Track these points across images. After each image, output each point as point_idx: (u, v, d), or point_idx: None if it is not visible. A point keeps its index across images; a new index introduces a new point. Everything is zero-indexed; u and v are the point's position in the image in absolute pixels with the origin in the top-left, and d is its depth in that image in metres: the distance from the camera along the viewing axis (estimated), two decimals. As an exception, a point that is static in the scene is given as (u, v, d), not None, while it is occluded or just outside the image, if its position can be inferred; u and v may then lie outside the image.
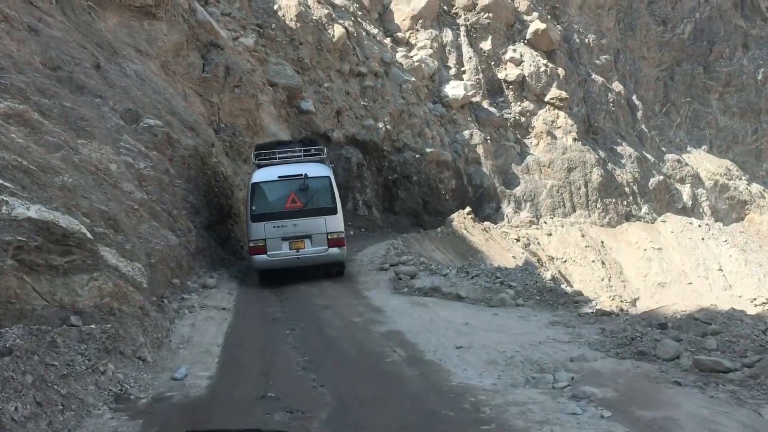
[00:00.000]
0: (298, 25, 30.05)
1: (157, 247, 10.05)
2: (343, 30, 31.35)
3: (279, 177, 13.10)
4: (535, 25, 40.19)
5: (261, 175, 13.37)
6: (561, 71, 40.39)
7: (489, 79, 38.87)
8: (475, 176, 34.87)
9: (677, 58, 50.70)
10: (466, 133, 35.64)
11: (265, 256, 12.78)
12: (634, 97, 45.71)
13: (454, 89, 36.33)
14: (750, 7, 56.82)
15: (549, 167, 36.92)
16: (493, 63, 39.40)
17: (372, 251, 18.18)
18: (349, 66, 31.48)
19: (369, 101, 31.81)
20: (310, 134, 26.01)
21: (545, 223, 34.81)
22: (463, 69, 38.39)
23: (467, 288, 12.01)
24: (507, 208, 34.84)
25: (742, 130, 51.50)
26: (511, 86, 38.91)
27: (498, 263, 19.96)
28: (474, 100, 37.58)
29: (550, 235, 29.22)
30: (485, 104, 38.15)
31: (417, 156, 32.16)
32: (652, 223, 37.85)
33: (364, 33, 33.62)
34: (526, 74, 38.97)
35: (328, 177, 13.61)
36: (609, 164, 38.80)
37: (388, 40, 35.85)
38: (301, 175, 13.03)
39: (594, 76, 43.29)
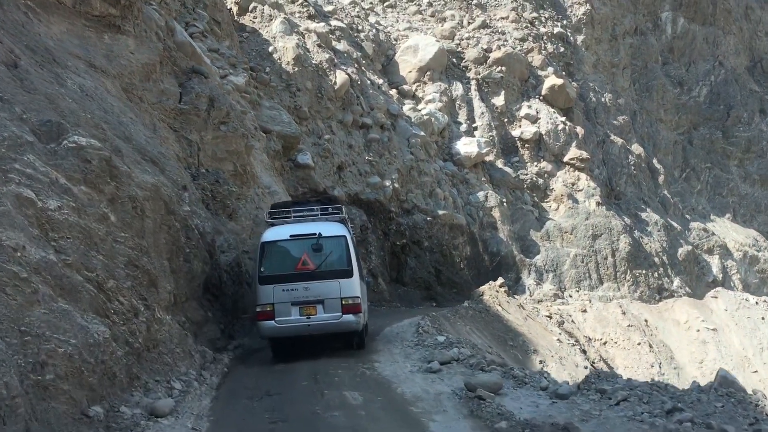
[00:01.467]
0: (296, 69, 26.55)
1: (61, 348, 5.84)
2: (346, 77, 27.87)
3: (291, 236, 12.15)
4: (551, 80, 37.09)
5: (272, 234, 12.45)
6: (580, 130, 37.08)
7: (502, 137, 35.43)
8: (492, 242, 30.92)
9: (694, 122, 47.86)
10: (481, 194, 31.88)
11: (272, 322, 11.71)
12: (654, 161, 42.42)
13: (466, 146, 32.77)
14: (761, 72, 54.64)
15: (572, 234, 33.07)
16: (506, 120, 36.05)
17: (393, 334, 13.97)
18: (353, 117, 27.86)
19: (374, 156, 28.08)
20: (328, 194, 23.31)
21: (570, 296, 30.69)
22: (474, 125, 34.97)
23: (621, 426, 6.83)
24: (528, 279, 30.75)
25: (764, 198, 48.22)
26: (527, 145, 35.44)
27: (542, 349, 15.72)
28: (487, 159, 34.00)
29: (585, 311, 25.08)
30: (499, 164, 34.56)
31: (428, 219, 28.26)
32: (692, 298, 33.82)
33: (368, 82, 30.19)
34: (543, 132, 35.59)
35: (344, 237, 12.48)
36: (636, 232, 35.00)
37: (393, 92, 32.42)
38: (315, 234, 11.96)
39: (613, 137, 40.04)
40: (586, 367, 18.43)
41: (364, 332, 12.99)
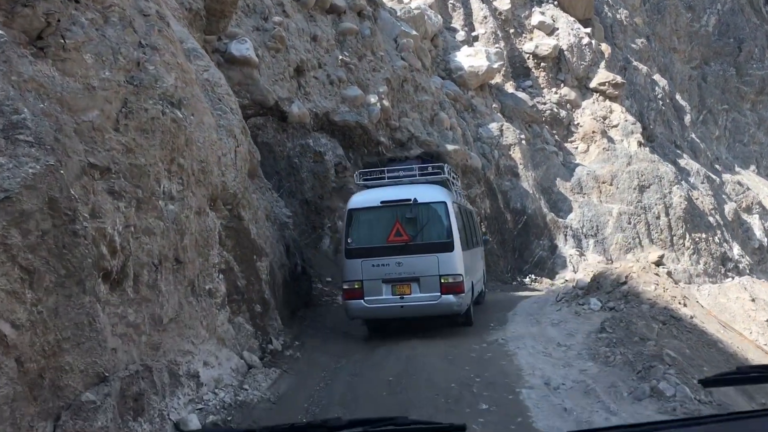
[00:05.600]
0: None
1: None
2: (306, -70, 17.33)
3: (381, 202, 10.41)
4: (568, -20, 27.52)
5: (360, 200, 10.79)
6: (606, 48, 27.81)
7: (509, 54, 25.75)
8: (513, 195, 21.36)
9: (705, 55, 39.75)
10: (493, 126, 22.18)
11: (361, 301, 10.08)
12: (678, 97, 33.87)
13: (470, 58, 22.87)
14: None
15: (611, 184, 23.91)
16: (512, 30, 26.32)
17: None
18: (317, -7, 17.46)
19: (351, 56, 17.81)
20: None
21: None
22: (474, 33, 25.06)
23: None
24: (566, 247, 21.41)
25: (780, 149, 40.79)
26: (542, 64, 25.87)
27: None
28: (494, 80, 24.26)
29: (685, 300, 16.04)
30: (508, 87, 24.87)
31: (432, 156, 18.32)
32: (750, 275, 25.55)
33: (336, -53, 19.66)
34: (564, 47, 26.07)
35: (444, 203, 10.44)
36: (683, 183, 26.22)
37: (367, -25, 22.01)
38: (410, 200, 10.17)
39: (635, 63, 31.05)
40: None
41: (470, 310, 10.78)
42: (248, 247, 8.22)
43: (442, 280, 9.95)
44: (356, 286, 10.05)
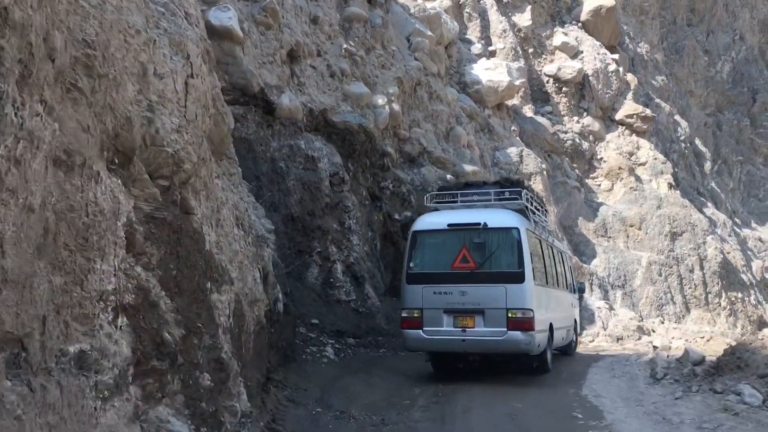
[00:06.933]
0: None
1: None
2: None
3: (449, 225, 9.57)
4: (594, 0, 24.86)
5: (425, 222, 9.98)
6: (632, 78, 25.01)
7: (527, 75, 22.74)
8: (534, 233, 17.98)
9: (720, 103, 37.37)
10: (512, 151, 19.00)
11: (419, 332, 9.20)
12: (697, 142, 31.18)
13: (490, 72, 19.79)
14: None
15: (639, 229, 20.76)
16: (531, 50, 23.38)
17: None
18: (321, -33, 14.24)
19: (357, 46, 14.53)
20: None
21: (653, 330, 18.31)
22: (492, 48, 22.02)
23: None
24: (592, 298, 18.07)
25: (792, 207, 38.21)
26: (564, 89, 22.90)
27: None
28: (511, 101, 21.19)
29: (709, 340, 12.75)
30: (527, 111, 21.82)
31: (449, 177, 15.06)
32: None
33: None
34: (589, 72, 23.17)
35: (516, 228, 9.39)
36: (716, 234, 23.20)
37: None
38: (479, 224, 9.25)
39: (657, 100, 28.28)
40: None
41: (546, 354, 9.56)
42: (196, 264, 4.72)
43: (510, 315, 8.93)
44: (415, 315, 9.28)
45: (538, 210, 11.25)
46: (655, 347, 10.25)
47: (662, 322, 18.86)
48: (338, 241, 12.23)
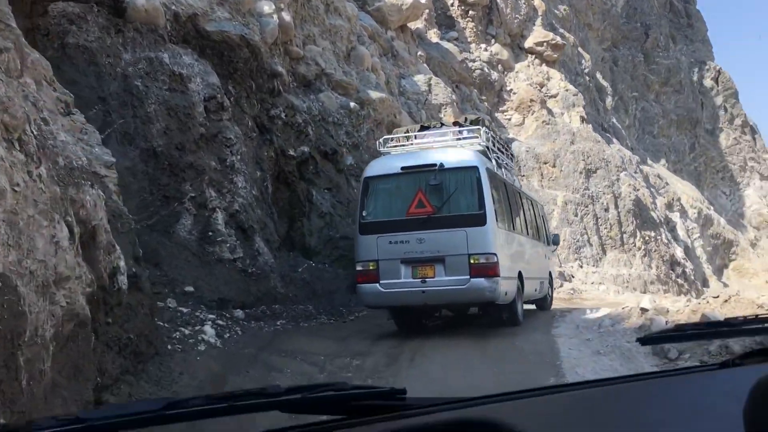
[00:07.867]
0: None
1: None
2: None
3: (402, 168, 8.89)
4: None
5: (377, 167, 9.29)
6: (540, 4, 23.18)
7: (431, -4, 20.32)
8: (446, 172, 15.89)
9: (615, 38, 36.73)
10: (420, 80, 16.69)
11: (375, 285, 8.64)
12: (599, 76, 30.15)
13: (392, -13, 17.17)
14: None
15: (554, 166, 19.21)
16: (434, -31, 20.88)
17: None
18: None
19: (236, -62, 11.48)
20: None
21: (573, 276, 16.91)
22: (392, -37, 19.32)
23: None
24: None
25: (680, 145, 38.72)
26: (471, 13, 20.70)
27: None
28: (414, 23, 18.78)
29: (727, 301, 11.36)
30: (432, 36, 19.51)
31: (352, 105, 12.56)
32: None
33: None
34: (497, -6, 21.09)
35: (476, 167, 8.68)
36: (628, 170, 22.12)
37: None
38: (434, 164, 8.65)
39: (561, 30, 26.74)
40: None
41: (515, 304, 9.13)
42: None
43: (472, 260, 8.43)
44: (371, 267, 8.72)
45: (502, 152, 10.45)
46: (643, 310, 8.39)
47: (581, 266, 17.49)
48: (218, 182, 9.51)
